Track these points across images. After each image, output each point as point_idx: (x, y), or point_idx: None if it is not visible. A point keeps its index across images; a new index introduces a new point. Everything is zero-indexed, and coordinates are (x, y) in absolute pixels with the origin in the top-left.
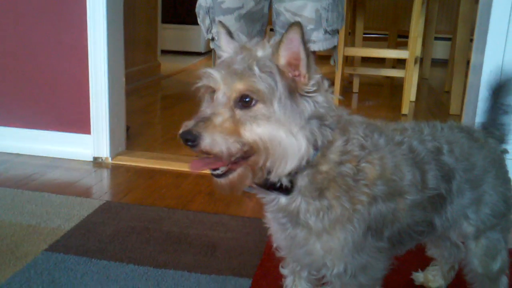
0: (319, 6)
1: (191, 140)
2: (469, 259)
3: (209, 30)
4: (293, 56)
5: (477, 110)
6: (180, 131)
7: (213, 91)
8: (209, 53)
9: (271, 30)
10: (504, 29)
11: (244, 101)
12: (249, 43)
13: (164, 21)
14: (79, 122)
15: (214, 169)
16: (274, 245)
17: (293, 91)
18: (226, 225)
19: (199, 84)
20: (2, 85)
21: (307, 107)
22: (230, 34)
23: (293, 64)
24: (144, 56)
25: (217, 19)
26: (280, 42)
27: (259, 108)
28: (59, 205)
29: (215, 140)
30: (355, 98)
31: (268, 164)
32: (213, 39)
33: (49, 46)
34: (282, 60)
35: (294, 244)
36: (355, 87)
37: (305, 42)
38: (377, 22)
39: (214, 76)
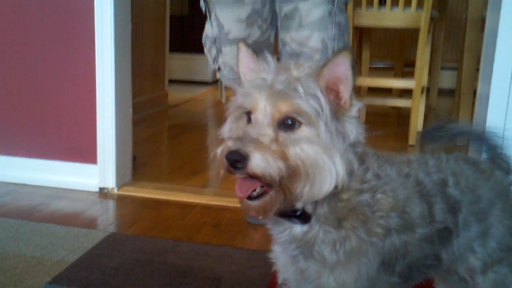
0: (325, 36)
1: (239, 160)
2: None
3: (215, 60)
4: (336, 81)
5: None
6: (224, 152)
7: (247, 112)
8: (216, 83)
9: (277, 59)
10: (511, 58)
11: (287, 123)
12: (284, 64)
13: (172, 50)
14: (85, 152)
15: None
16: (280, 280)
17: (336, 115)
18: (231, 258)
19: (237, 104)
20: (9, 114)
21: (349, 133)
22: (255, 53)
23: (334, 88)
24: (152, 85)
25: (223, 49)
26: (325, 65)
27: (303, 130)
28: (63, 237)
29: (266, 161)
30: None
31: (305, 189)
32: (219, 69)
33: (56, 75)
34: (325, 83)
35: (304, 278)
36: (362, 117)
37: (353, 68)
38: (383, 51)
39: (257, 95)
